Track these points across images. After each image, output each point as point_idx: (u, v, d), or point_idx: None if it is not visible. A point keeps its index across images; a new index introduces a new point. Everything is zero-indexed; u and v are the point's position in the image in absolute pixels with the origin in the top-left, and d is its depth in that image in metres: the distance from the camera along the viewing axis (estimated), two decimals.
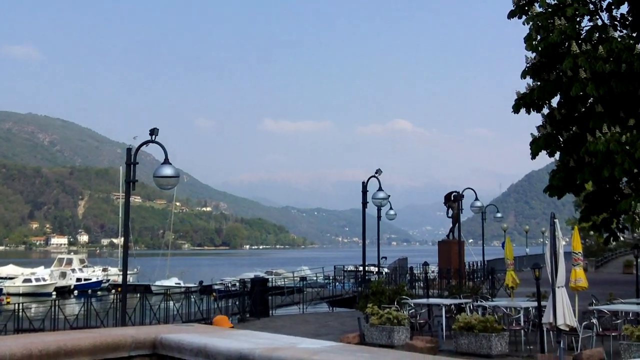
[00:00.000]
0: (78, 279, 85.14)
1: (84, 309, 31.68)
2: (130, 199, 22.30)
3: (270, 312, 34.80)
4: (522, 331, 22.37)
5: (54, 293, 73.87)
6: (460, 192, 46.23)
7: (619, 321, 21.38)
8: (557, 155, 29.38)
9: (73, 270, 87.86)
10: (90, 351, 5.52)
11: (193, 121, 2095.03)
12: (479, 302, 26.02)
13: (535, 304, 21.42)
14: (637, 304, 24.02)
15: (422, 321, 26.02)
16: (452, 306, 25.99)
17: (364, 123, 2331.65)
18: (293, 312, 37.15)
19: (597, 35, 26.52)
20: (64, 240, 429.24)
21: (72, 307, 45.95)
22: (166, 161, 20.00)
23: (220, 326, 8.13)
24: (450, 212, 48.40)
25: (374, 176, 34.92)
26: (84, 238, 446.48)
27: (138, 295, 34.10)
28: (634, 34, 27.31)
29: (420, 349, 19.09)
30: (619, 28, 27.99)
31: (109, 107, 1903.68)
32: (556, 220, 18.47)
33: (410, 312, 25.48)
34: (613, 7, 28.33)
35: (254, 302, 33.52)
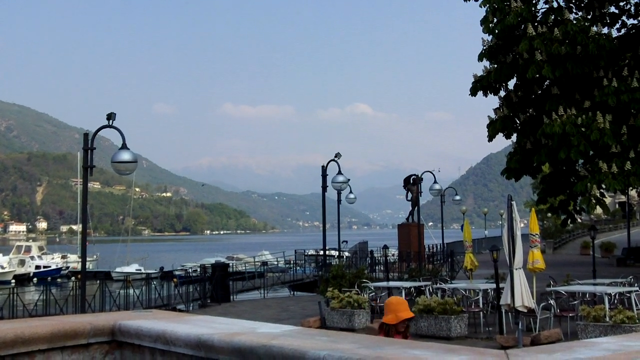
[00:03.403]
0: (37, 267, 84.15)
1: (43, 296, 31.39)
2: (89, 185, 22.17)
3: (232, 297, 34.75)
4: (481, 313, 22.54)
5: (13, 281, 72.94)
6: (420, 176, 46.42)
7: (576, 302, 21.62)
8: (514, 137, 29.61)
9: (32, 258, 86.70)
10: (48, 339, 5.50)
11: (152, 105, 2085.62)
12: (438, 285, 26.19)
13: (494, 285, 21.62)
14: (594, 284, 24.31)
15: (382, 304, 26.15)
16: (412, 289, 26.11)
17: (324, 107, 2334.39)
18: (254, 297, 37.12)
19: (552, 17, 26.72)
20: (22, 227, 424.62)
21: (31, 294, 45.51)
22: (124, 146, 19.87)
23: (396, 308, 7.74)
24: (410, 195, 48.51)
25: (333, 160, 34.94)
26: (42, 225, 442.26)
27: (98, 282, 33.88)
28: (589, 16, 27.55)
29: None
30: (574, 10, 28.24)
31: (65, 91, 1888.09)
32: (513, 203, 18.61)
33: (370, 295, 25.59)
34: None
35: (215, 288, 33.46)
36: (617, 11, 29.67)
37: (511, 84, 29.42)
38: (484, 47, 28.49)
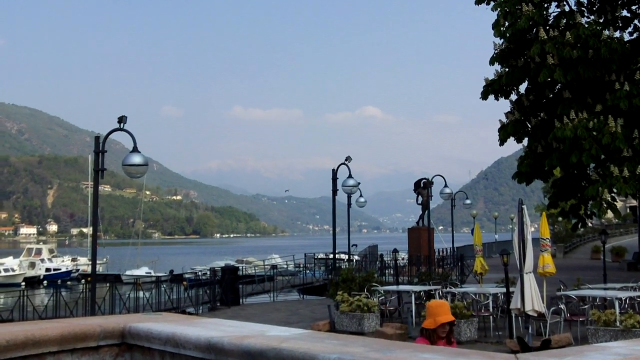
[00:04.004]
0: (47, 269, 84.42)
1: (53, 299, 31.48)
2: (100, 187, 22.24)
3: (241, 300, 34.77)
4: (491, 317, 22.49)
5: (23, 283, 73.16)
6: (430, 179, 46.38)
7: (586, 306, 21.55)
8: (526, 141, 29.53)
9: (42, 260, 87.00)
10: (58, 341, 5.51)
11: (162, 108, 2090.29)
12: (448, 289, 26.13)
13: (504, 290, 21.57)
14: (605, 289, 24.23)
15: (392, 308, 26.13)
16: (422, 293, 26.03)
17: (333, 110, 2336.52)
18: (264, 301, 37.11)
19: (564, 21, 26.69)
20: (33, 230, 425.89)
21: (42, 297, 45.71)
22: (135, 149, 19.90)
23: (435, 311, 7.27)
24: (420, 199, 48.44)
25: (343, 164, 34.94)
26: (53, 228, 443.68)
27: (108, 285, 33.93)
28: (601, 20, 27.50)
29: (390, 335, 19.16)
30: (586, 14, 28.20)
31: (76, 95, 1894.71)
32: (524, 207, 18.58)
33: (380, 299, 25.56)
34: None
35: (225, 291, 33.47)
36: (629, 15, 29.60)
37: (522, 87, 29.38)
38: (496, 51, 28.45)
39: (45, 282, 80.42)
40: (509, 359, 4.03)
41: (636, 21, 29.84)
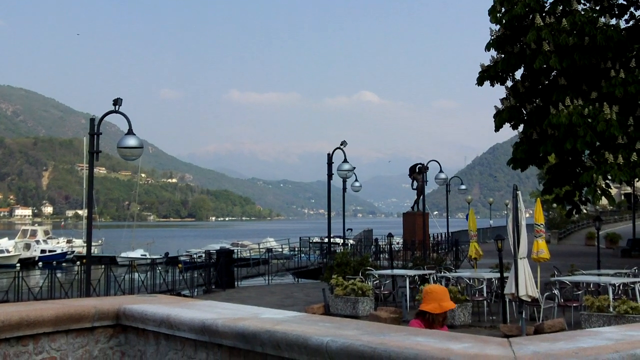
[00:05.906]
0: (42, 251, 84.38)
1: (48, 280, 31.45)
2: (95, 170, 22.19)
3: (236, 283, 34.84)
4: (485, 302, 22.56)
5: (18, 264, 73.15)
6: (425, 164, 46.35)
7: (580, 292, 21.63)
8: (521, 127, 29.51)
9: (37, 242, 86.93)
10: (53, 322, 5.53)
11: (158, 91, 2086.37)
12: (442, 273, 26.18)
13: (498, 275, 21.65)
14: (598, 275, 24.29)
15: (386, 292, 26.18)
16: (416, 277, 26.10)
17: (330, 95, 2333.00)
18: (258, 284, 37.19)
19: (560, 8, 26.60)
20: (28, 211, 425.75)
21: (36, 278, 45.62)
22: (130, 132, 19.86)
23: (440, 297, 7.24)
24: (415, 184, 48.49)
25: (339, 148, 34.90)
26: (48, 209, 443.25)
27: (103, 266, 33.93)
28: (597, 7, 27.43)
29: (384, 319, 19.21)
30: (582, 1, 28.09)
31: (72, 76, 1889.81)
32: (518, 192, 18.60)
33: (374, 283, 25.62)
34: None
35: (220, 274, 33.52)
36: (625, 2, 29.51)
37: (518, 74, 29.33)
38: (492, 37, 28.37)
39: (40, 263, 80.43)
40: (502, 343, 4.06)
41: (632, 9, 29.74)
